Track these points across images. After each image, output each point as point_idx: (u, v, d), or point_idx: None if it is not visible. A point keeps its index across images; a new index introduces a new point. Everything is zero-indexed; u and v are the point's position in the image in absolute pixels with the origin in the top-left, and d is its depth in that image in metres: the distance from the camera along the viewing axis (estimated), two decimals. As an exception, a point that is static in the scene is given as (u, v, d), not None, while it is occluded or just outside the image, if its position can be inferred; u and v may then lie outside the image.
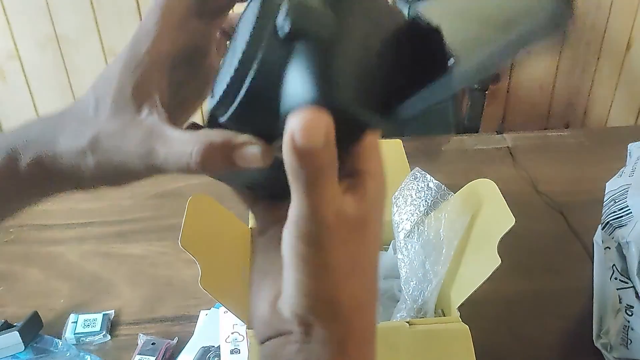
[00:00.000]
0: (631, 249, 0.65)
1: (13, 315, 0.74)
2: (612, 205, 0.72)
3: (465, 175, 0.71)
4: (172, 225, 0.88)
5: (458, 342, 0.56)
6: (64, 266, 0.83)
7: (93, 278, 0.82)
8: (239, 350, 0.67)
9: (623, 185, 0.73)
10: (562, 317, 0.75)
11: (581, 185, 0.96)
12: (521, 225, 0.57)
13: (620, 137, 0.92)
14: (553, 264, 0.83)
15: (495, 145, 1.07)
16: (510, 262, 0.57)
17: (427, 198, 0.68)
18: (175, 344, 0.71)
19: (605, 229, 0.73)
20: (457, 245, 0.63)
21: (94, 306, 0.77)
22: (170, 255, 0.84)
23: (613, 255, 0.69)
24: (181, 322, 0.74)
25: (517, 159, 1.03)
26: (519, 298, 0.77)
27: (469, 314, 0.58)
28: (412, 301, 0.63)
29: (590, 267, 0.79)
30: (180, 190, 0.96)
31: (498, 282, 0.57)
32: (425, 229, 0.66)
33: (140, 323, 0.75)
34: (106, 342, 0.72)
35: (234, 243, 0.66)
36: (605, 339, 0.69)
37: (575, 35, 1.97)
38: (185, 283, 0.80)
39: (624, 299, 0.66)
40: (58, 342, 0.71)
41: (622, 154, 0.79)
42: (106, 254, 0.85)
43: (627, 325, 0.66)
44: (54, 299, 0.78)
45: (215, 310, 0.74)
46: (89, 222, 0.91)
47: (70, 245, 0.87)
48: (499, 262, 0.55)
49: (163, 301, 0.78)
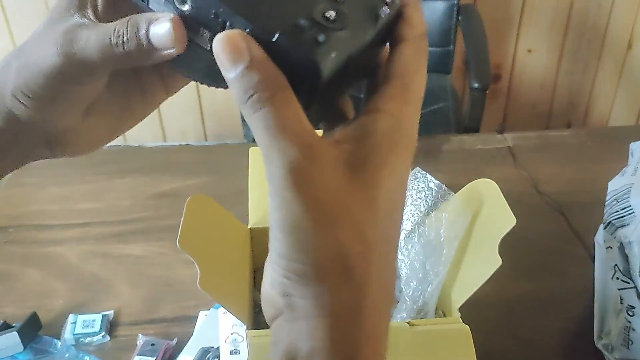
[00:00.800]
0: (633, 248, 0.65)
1: (12, 316, 0.74)
2: (615, 205, 0.72)
3: (466, 175, 0.71)
4: (171, 226, 0.88)
5: (459, 342, 0.55)
6: (63, 267, 0.83)
7: (92, 278, 0.81)
8: (238, 351, 0.67)
9: (625, 185, 0.72)
10: (563, 318, 0.75)
11: (582, 185, 0.96)
12: (522, 225, 0.57)
13: (621, 137, 0.91)
14: (554, 264, 0.82)
15: (496, 145, 1.07)
16: (511, 263, 0.56)
17: (428, 198, 0.68)
18: (175, 344, 0.71)
19: (608, 229, 0.72)
20: (457, 246, 0.63)
21: (93, 307, 0.77)
22: (170, 256, 0.84)
23: (615, 255, 0.69)
24: (180, 323, 0.74)
25: (518, 158, 1.03)
26: (519, 298, 0.77)
27: (470, 315, 0.57)
28: (412, 302, 0.62)
29: (591, 267, 0.79)
30: (179, 190, 0.96)
31: (498, 283, 0.56)
32: (426, 229, 0.66)
33: (140, 324, 0.75)
34: (105, 343, 0.72)
35: (233, 243, 0.66)
36: (606, 339, 0.69)
37: (576, 35, 1.96)
38: (185, 283, 0.80)
39: (625, 300, 0.66)
40: (57, 343, 0.71)
41: (623, 153, 0.79)
42: (105, 255, 0.85)
43: (629, 325, 0.65)
44: (52, 299, 0.78)
45: (214, 311, 0.73)
46: (88, 223, 0.91)
47: (69, 245, 0.87)
48: (500, 262, 0.55)
49: (162, 302, 0.77)
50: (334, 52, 0.26)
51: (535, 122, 2.09)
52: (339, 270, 0.25)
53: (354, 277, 0.26)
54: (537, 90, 2.04)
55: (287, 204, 0.25)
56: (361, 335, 0.26)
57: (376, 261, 0.26)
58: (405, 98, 0.27)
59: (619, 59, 1.99)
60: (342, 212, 0.25)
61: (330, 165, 0.25)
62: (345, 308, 0.26)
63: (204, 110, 1.94)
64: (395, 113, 0.27)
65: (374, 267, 0.26)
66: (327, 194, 0.25)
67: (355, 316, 0.26)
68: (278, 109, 0.25)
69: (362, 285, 0.26)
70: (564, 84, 2.03)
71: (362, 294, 0.26)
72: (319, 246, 0.25)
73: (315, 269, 0.25)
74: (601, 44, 1.96)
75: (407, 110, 0.27)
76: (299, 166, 0.24)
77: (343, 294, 0.25)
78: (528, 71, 2.01)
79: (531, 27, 1.94)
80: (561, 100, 2.06)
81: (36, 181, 1.00)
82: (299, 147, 0.25)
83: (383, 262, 0.27)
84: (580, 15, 1.91)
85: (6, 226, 0.91)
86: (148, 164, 1.03)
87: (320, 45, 0.25)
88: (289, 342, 0.26)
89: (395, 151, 0.27)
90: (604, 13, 1.91)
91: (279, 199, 0.25)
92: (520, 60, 1.99)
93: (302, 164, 0.25)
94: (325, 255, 0.25)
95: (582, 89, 2.05)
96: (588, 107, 2.08)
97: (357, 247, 0.26)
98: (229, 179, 0.97)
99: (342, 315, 0.26)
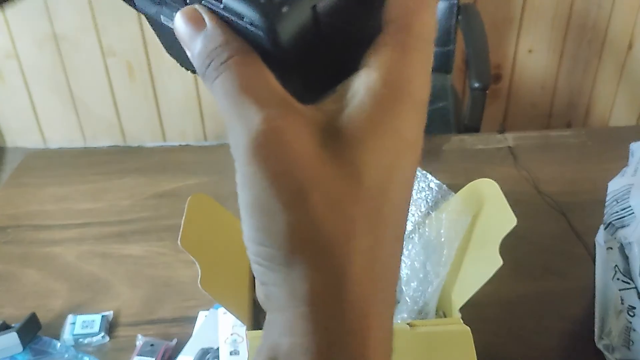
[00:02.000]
0: (634, 249, 0.65)
1: (11, 316, 0.74)
2: (615, 206, 0.72)
3: (467, 175, 0.70)
4: (171, 226, 0.88)
5: (459, 343, 0.55)
6: (62, 267, 0.83)
7: (91, 279, 0.81)
8: (238, 352, 0.67)
9: (625, 185, 0.72)
10: (564, 318, 0.75)
11: (583, 185, 0.96)
12: (522, 225, 0.57)
13: (622, 137, 0.91)
14: (554, 265, 0.82)
15: (497, 145, 1.07)
16: (511, 263, 0.56)
17: (428, 198, 0.67)
18: (174, 345, 0.71)
19: (608, 229, 0.72)
20: (458, 246, 0.63)
21: (92, 307, 0.76)
22: (169, 256, 0.84)
23: (615, 256, 0.69)
24: (180, 323, 0.74)
25: (519, 158, 1.03)
26: (520, 299, 0.77)
27: (471, 316, 0.57)
28: (413, 302, 0.62)
29: (592, 268, 0.78)
30: (179, 190, 0.96)
31: (499, 283, 0.56)
32: (426, 229, 0.66)
33: (139, 324, 0.74)
34: (105, 344, 0.72)
35: (233, 243, 0.66)
36: (607, 340, 0.69)
37: (576, 35, 1.96)
38: (184, 284, 0.80)
39: (626, 300, 0.66)
40: (56, 344, 0.71)
41: (624, 153, 0.79)
42: (104, 255, 0.85)
43: (629, 326, 0.65)
44: (52, 299, 0.78)
45: (214, 311, 0.73)
46: (87, 223, 0.91)
47: (69, 245, 0.87)
48: (501, 263, 0.55)
49: (162, 302, 0.77)
50: (285, 6, 0.22)
51: (536, 122, 2.09)
52: (311, 251, 0.21)
53: (331, 257, 0.21)
54: (538, 90, 2.04)
55: (251, 179, 0.22)
56: (344, 328, 0.22)
57: (363, 241, 0.22)
58: (402, 44, 0.23)
59: (620, 59, 1.99)
60: (314, 185, 0.21)
61: (303, 133, 0.22)
62: (322, 294, 0.22)
63: (203, 111, 1.94)
64: (384, 64, 0.23)
65: (358, 247, 0.22)
66: (295, 164, 0.21)
67: (335, 304, 0.22)
68: (236, 72, 0.22)
69: (342, 267, 0.21)
70: (565, 84, 2.03)
71: (343, 277, 0.21)
72: (286, 225, 0.21)
73: (283, 252, 0.22)
74: (602, 44, 1.96)
75: (403, 59, 0.23)
76: (262, 134, 0.21)
77: (318, 277, 0.21)
78: (528, 71, 2.01)
79: (532, 27, 1.94)
80: (562, 100, 2.06)
81: (35, 181, 1.00)
82: (263, 112, 0.21)
83: (375, 245, 0.22)
84: (580, 16, 1.91)
85: (5, 226, 0.90)
86: (148, 164, 1.03)
87: (267, 1, 0.22)
88: (271, 339, 0.23)
89: (386, 110, 0.22)
90: (604, 13, 1.90)
91: (242, 175, 0.22)
92: (521, 60, 1.99)
93: (266, 131, 0.21)
94: (294, 235, 0.21)
95: (583, 89, 2.04)
96: (588, 107, 2.08)
97: (333, 223, 0.21)
98: (229, 179, 0.95)
99: (319, 303, 0.22)
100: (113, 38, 1.79)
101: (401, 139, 0.22)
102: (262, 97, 0.22)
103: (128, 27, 1.77)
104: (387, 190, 0.22)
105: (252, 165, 0.22)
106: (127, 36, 1.79)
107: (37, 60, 1.81)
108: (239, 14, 0.23)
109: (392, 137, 0.22)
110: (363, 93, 0.22)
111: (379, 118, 0.22)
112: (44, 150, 1.19)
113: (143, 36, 1.78)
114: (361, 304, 0.22)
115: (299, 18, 0.23)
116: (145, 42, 1.79)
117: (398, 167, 0.23)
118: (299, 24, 0.23)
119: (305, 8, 0.23)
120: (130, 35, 1.78)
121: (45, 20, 1.75)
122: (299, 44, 0.23)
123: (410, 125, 0.23)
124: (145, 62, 1.82)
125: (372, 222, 0.22)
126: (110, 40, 1.79)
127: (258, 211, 0.22)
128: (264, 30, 0.22)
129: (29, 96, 1.88)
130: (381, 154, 0.22)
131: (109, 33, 1.79)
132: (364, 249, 0.22)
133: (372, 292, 0.22)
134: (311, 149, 0.22)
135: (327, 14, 0.23)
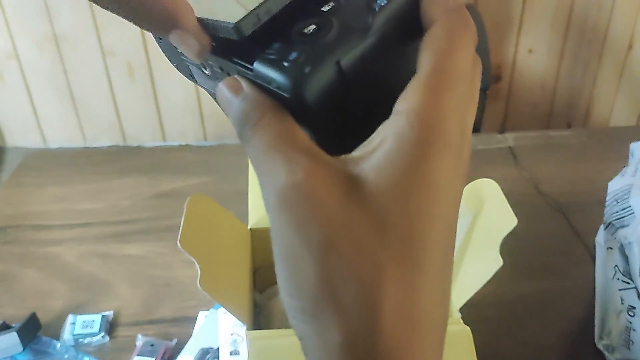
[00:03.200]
0: (634, 249, 0.64)
1: (11, 317, 0.74)
2: (615, 206, 0.72)
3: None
4: (170, 226, 0.88)
5: (459, 344, 0.55)
6: (62, 267, 0.83)
7: (91, 279, 0.81)
8: (238, 352, 0.67)
9: (625, 185, 0.72)
10: (564, 318, 0.74)
11: (583, 185, 0.96)
12: (522, 225, 0.57)
13: (622, 137, 0.91)
14: (554, 265, 0.82)
15: (497, 145, 1.07)
16: (511, 263, 0.56)
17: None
18: (174, 345, 0.71)
19: (608, 230, 0.72)
20: (458, 246, 0.62)
21: (92, 307, 0.76)
22: (169, 256, 0.84)
23: (615, 256, 0.69)
24: (180, 323, 0.74)
25: (519, 159, 1.03)
26: (520, 299, 0.77)
27: (471, 316, 0.57)
28: (412, 302, 0.62)
29: (592, 268, 0.78)
30: (179, 190, 0.96)
31: (499, 283, 0.56)
32: (426, 229, 0.65)
33: (139, 324, 0.74)
34: (105, 344, 0.72)
35: (233, 243, 0.66)
36: (607, 340, 0.69)
37: (577, 35, 1.96)
38: (184, 284, 0.80)
39: (626, 300, 0.66)
40: (56, 344, 0.71)
41: (624, 153, 0.79)
42: (104, 255, 0.85)
43: (629, 326, 0.65)
44: (52, 300, 0.78)
45: (214, 311, 0.73)
46: (87, 223, 0.91)
47: (68, 245, 0.87)
48: (501, 263, 0.54)
49: (162, 302, 0.77)
50: (307, 66, 0.23)
51: (536, 122, 2.09)
52: (339, 300, 0.21)
53: (359, 306, 0.21)
54: (538, 90, 2.04)
55: (280, 231, 0.22)
56: None
57: (393, 288, 0.21)
58: (433, 85, 0.22)
59: (620, 60, 1.99)
60: (338, 232, 0.21)
61: (328, 183, 0.22)
62: (353, 346, 0.21)
63: (203, 111, 1.94)
64: (414, 108, 0.22)
65: (388, 294, 0.21)
66: (320, 214, 0.21)
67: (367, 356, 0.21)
68: (267, 130, 0.23)
69: (372, 316, 0.21)
70: (565, 84, 2.03)
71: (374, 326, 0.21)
72: (312, 274, 0.21)
73: (312, 302, 0.21)
74: (602, 45, 1.96)
75: (435, 101, 0.22)
76: (287, 187, 0.22)
77: (347, 328, 0.21)
78: (529, 71, 2.01)
79: (532, 28, 1.94)
80: (562, 101, 2.06)
81: (36, 181, 1.00)
82: (288, 166, 0.22)
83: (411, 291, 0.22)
84: (580, 16, 1.91)
85: (5, 226, 0.90)
86: (148, 163, 1.03)
87: (291, 64, 0.23)
88: None
89: (413, 155, 0.22)
90: (604, 14, 1.90)
91: (273, 229, 0.23)
92: (521, 61, 1.99)
93: (291, 184, 0.22)
94: (321, 284, 0.21)
95: (583, 90, 2.04)
96: (589, 107, 2.08)
97: (360, 270, 0.21)
98: (229, 179, 0.96)
99: (351, 356, 0.21)
100: (113, 38, 1.79)
101: (431, 185, 0.22)
102: (288, 151, 0.23)
103: (128, 27, 1.77)
104: (419, 236, 0.22)
105: (280, 217, 0.22)
106: (127, 36, 1.78)
107: (37, 61, 1.81)
108: (268, 79, 0.24)
109: (420, 183, 0.22)
110: (391, 139, 0.22)
111: (405, 164, 0.22)
112: (43, 150, 1.19)
113: (143, 36, 1.78)
114: (396, 354, 0.21)
115: (324, 77, 0.23)
116: (145, 42, 1.79)
117: (429, 214, 0.22)
118: (324, 82, 0.23)
119: (329, 65, 0.23)
120: (130, 35, 1.78)
121: (45, 20, 1.74)
122: (327, 100, 0.23)
123: (443, 168, 0.22)
124: (145, 62, 1.82)
125: (403, 268, 0.22)
126: (110, 40, 1.79)
127: (288, 262, 0.22)
128: (290, 93, 0.23)
129: (29, 96, 1.88)
130: (407, 201, 0.22)
131: (109, 33, 1.79)
132: (395, 296, 0.21)
133: (408, 339, 0.21)
134: (336, 199, 0.22)
135: (352, 67, 0.23)
